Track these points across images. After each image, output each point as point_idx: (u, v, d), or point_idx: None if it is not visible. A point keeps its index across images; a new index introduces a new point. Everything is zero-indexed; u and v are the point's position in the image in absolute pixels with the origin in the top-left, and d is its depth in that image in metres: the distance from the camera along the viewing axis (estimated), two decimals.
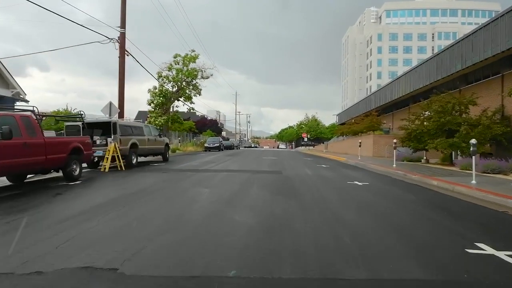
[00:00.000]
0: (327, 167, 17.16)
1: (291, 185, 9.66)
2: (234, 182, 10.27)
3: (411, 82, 28.49)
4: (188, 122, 44.99)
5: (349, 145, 36.26)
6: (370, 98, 40.55)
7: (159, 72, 28.89)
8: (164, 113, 29.75)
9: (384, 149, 26.83)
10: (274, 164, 18.18)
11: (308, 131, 75.03)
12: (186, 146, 38.98)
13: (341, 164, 20.41)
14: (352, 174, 13.80)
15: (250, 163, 18.90)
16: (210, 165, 16.84)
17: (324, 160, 23.79)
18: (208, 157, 25.11)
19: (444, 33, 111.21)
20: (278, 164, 18.16)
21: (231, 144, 53.54)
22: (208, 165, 16.58)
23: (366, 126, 33.72)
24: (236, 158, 24.25)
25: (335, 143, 47.33)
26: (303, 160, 22.95)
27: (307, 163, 20.17)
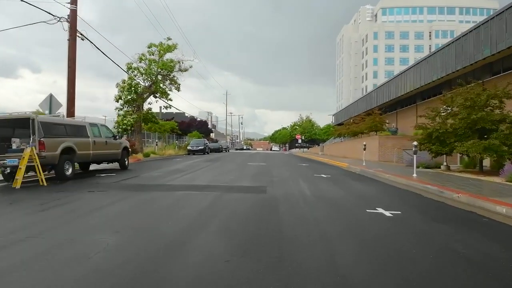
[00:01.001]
0: (328, 178, 13.17)
1: (276, 221, 5.64)
2: (182, 214, 6.24)
3: (422, 74, 24.67)
4: (170, 122, 40.80)
5: (348, 148, 32.38)
6: (371, 95, 36.76)
7: (128, 64, 24.78)
8: (136, 111, 25.57)
9: (392, 153, 22.95)
10: (260, 173, 14.16)
11: (302, 133, 71.20)
12: (165, 150, 34.79)
13: (345, 172, 16.44)
14: (367, 191, 9.81)
15: (230, 171, 14.87)
16: (175, 176, 12.79)
17: (322, 167, 19.82)
18: (183, 162, 21.03)
19: (442, 31, 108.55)
20: (265, 173, 14.14)
21: (218, 146, 49.49)
22: (171, 176, 12.53)
23: (368, 126, 29.90)
24: (216, 164, 20.19)
25: (332, 145, 43.45)
26: (297, 167, 18.95)
27: (302, 171, 16.18)
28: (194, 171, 14.72)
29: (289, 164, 21.75)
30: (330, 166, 21.00)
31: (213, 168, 16.62)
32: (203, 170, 15.62)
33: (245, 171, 14.96)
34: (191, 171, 14.95)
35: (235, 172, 14.42)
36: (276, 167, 17.80)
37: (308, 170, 16.94)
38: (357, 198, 8.32)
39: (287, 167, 18.18)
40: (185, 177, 12.23)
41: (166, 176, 12.58)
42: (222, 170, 15.75)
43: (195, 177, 12.40)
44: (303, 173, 14.93)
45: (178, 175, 12.92)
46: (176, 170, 15.52)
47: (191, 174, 13.57)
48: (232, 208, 6.64)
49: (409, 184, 11.18)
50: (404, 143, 23.17)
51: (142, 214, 6.21)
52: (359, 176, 14.34)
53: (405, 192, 9.78)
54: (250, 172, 14.46)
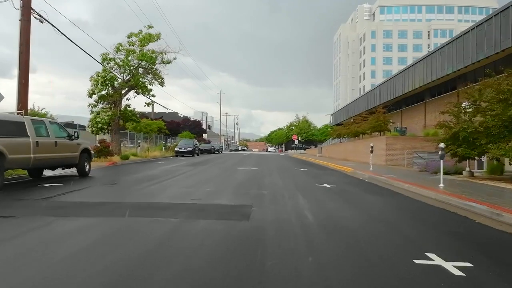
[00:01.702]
0: (333, 188, 10.43)
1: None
2: (91, 273, 3.44)
3: (433, 68, 22.04)
4: (157, 121, 37.93)
5: (349, 150, 29.71)
6: (373, 93, 34.14)
7: (104, 54, 21.90)
8: (112, 107, 22.69)
9: (401, 156, 20.30)
10: (247, 183, 11.40)
11: (299, 133, 68.55)
12: (150, 151, 31.93)
13: (351, 180, 13.72)
14: (392, 212, 7.09)
15: (212, 179, 12.10)
16: (140, 186, 10.01)
17: (323, 172, 17.11)
18: (163, 166, 18.23)
19: (441, 31, 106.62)
20: (254, 183, 11.38)
21: (210, 147, 46.63)
22: (135, 187, 9.76)
23: (371, 126, 27.24)
24: (200, 168, 17.42)
25: (330, 146, 40.79)
26: (294, 173, 16.23)
27: (301, 179, 13.45)
28: (168, 179, 11.92)
29: (284, 168, 19.02)
30: (332, 170, 18.29)
31: (193, 175, 13.84)
32: (180, 177, 12.84)
33: (230, 179, 12.19)
34: (164, 178, 12.16)
35: (217, 181, 11.64)
36: (269, 173, 15.05)
37: (307, 176, 14.21)
38: (385, 227, 5.59)
39: (282, 173, 15.43)
40: (150, 189, 9.46)
41: (128, 187, 9.81)
42: (203, 177, 12.97)
43: (163, 188, 9.63)
44: (301, 181, 12.19)
45: (144, 185, 10.14)
46: (146, 177, 12.72)
47: (162, 183, 10.79)
48: (187, 257, 3.87)
49: (441, 199, 8.48)
50: (414, 144, 20.56)
51: (17, 275, 3.42)
52: (371, 186, 11.62)
53: (444, 213, 7.06)
54: (236, 181, 11.69)
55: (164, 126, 38.30)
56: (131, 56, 22.46)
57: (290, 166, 21.52)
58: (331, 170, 18.89)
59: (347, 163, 23.36)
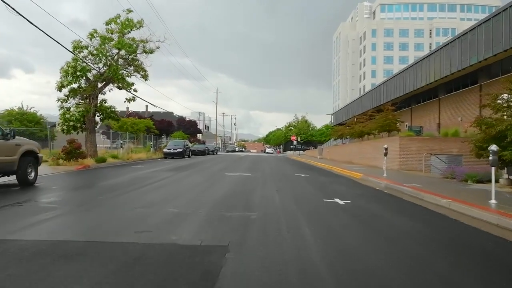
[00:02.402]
0: (348, 206, 7.65)
1: None
2: None
3: (452, 59, 19.32)
4: (145, 120, 35.11)
5: (354, 151, 26.98)
6: (379, 90, 31.43)
7: (75, 42, 19.07)
8: (88, 103, 19.87)
9: (418, 159, 17.59)
10: (232, 199, 8.62)
11: (297, 134, 65.84)
12: (136, 152, 29.13)
13: (367, 191, 10.95)
14: (457, 261, 4.28)
15: (185, 193, 9.33)
16: (83, 204, 7.25)
17: (329, 179, 14.34)
18: (139, 171, 15.45)
19: (443, 29, 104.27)
20: (241, 199, 8.59)
21: (204, 148, 43.85)
22: (73, 205, 7.00)
23: (379, 126, 24.51)
24: (181, 174, 14.64)
25: (332, 148, 38.04)
26: (293, 181, 13.46)
27: (302, 190, 10.70)
28: (129, 192, 9.13)
29: (282, 174, 16.26)
30: (338, 177, 15.53)
31: (167, 184, 11.06)
32: (147, 188, 10.06)
33: (212, 192, 9.42)
34: (126, 190, 9.37)
35: (192, 194, 8.86)
36: (263, 182, 12.28)
37: (311, 186, 11.44)
38: None
39: (280, 181, 12.66)
40: (91, 211, 6.68)
41: (63, 205, 7.02)
42: (178, 188, 10.19)
43: (111, 208, 6.86)
44: (304, 195, 9.41)
45: (88, 203, 7.35)
46: (105, 187, 9.94)
47: (116, 198, 8.00)
48: None
49: (507, 226, 5.74)
50: (432, 146, 17.86)
51: None
52: (396, 201, 8.85)
53: None
54: (218, 194, 8.91)
55: (152, 125, 35.45)
56: (108, 44, 19.61)
57: (289, 170, 18.77)
58: (338, 176, 16.14)
59: (353, 167, 20.62)
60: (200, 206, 7.06)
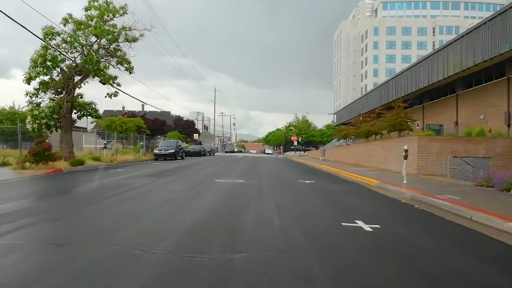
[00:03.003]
0: (380, 233, 5.25)
1: None
2: None
3: (477, 48, 16.96)
4: (134, 119, 32.71)
5: (361, 153, 24.60)
6: (387, 86, 29.04)
7: (47, 28, 16.63)
8: (64, 97, 17.46)
9: (439, 162, 15.24)
10: (211, 224, 6.23)
11: (298, 134, 63.45)
12: (123, 154, 26.75)
13: (394, 206, 8.55)
14: None
15: (147, 214, 6.94)
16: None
17: (339, 187, 11.93)
18: (112, 178, 13.06)
19: (446, 27, 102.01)
20: (225, 223, 6.19)
21: (200, 149, 41.47)
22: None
23: (389, 124, 22.16)
24: (160, 182, 12.25)
25: (336, 148, 35.64)
26: (297, 191, 11.08)
27: (310, 205, 8.34)
28: (72, 212, 6.77)
29: (283, 180, 13.88)
30: (349, 183, 13.14)
31: (135, 197, 8.68)
32: (104, 203, 7.68)
33: (185, 212, 7.00)
34: (67, 210, 7.01)
35: (155, 217, 6.47)
36: (259, 193, 9.90)
37: (321, 199, 9.07)
38: None
39: (280, 192, 10.27)
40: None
41: None
42: (143, 204, 7.78)
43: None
44: (314, 214, 7.02)
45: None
46: (48, 203, 7.57)
47: (34, 226, 5.65)
48: None
49: None
50: (455, 147, 15.51)
51: None
52: (438, 223, 6.45)
53: None
54: (193, 216, 6.51)
55: (143, 124, 33.04)
56: (83, 31, 17.20)
57: (291, 175, 16.40)
58: (348, 182, 13.76)
59: (363, 170, 18.26)
60: (161, 238, 4.69)
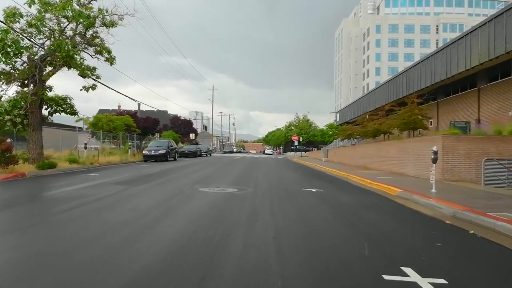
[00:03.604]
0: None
1: None
2: None
3: (509, 32, 14.61)
4: (123, 117, 30.34)
5: (370, 154, 22.25)
6: (397, 80, 26.68)
7: (9, 9, 14.22)
8: (33, 88, 15.11)
9: (468, 165, 12.91)
10: (173, 271, 3.86)
11: (299, 134, 61.11)
12: (109, 155, 24.41)
13: (438, 229, 6.14)
14: None
15: (72, 252, 4.59)
16: None
17: (354, 198, 9.50)
18: (74, 186, 10.71)
19: (450, 25, 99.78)
20: (194, 272, 3.83)
21: (195, 150, 39.10)
22: None
23: (402, 123, 19.84)
24: (130, 192, 9.88)
25: (339, 149, 33.27)
26: (302, 201, 8.71)
27: (323, 228, 5.96)
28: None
29: (284, 187, 11.52)
30: (365, 193, 10.75)
31: (77, 218, 6.34)
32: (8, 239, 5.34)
33: (130, 251, 4.64)
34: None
35: (76, 263, 4.12)
36: (253, 210, 7.54)
37: (336, 220, 6.69)
38: None
39: (281, 207, 7.90)
40: None
41: None
42: (71, 239, 5.42)
43: None
44: (331, 247, 4.65)
45: None
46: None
47: None
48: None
49: None
50: (486, 148, 13.16)
51: None
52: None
53: None
54: (143, 260, 4.17)
55: (133, 123, 30.65)
56: (53, 14, 14.83)
57: (293, 180, 14.04)
58: (363, 190, 11.40)
59: (375, 174, 15.93)
60: None
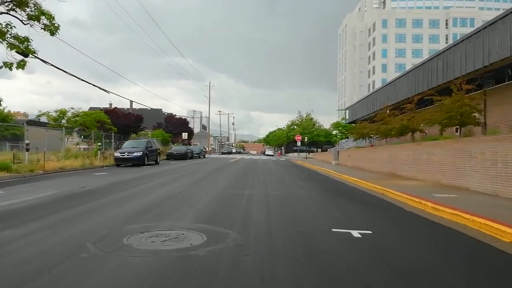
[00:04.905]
0: None
1: None
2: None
3: None
4: (94, 112, 25.23)
5: (401, 158, 17.18)
6: (428, 66, 21.57)
7: None
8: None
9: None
10: None
11: (302, 133, 56.06)
12: (61, 158, 19.37)
13: None
14: None
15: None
16: None
17: (448, 258, 4.41)
18: None
19: (460, 19, 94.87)
20: None
21: (185, 151, 34.11)
22: None
23: (447, 116, 14.82)
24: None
25: (354, 151, 28.10)
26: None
27: None
28: None
29: (297, 223, 6.50)
30: (443, 233, 5.68)
31: None
32: None
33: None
34: None
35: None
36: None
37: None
38: None
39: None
40: None
41: None
42: None
43: None
44: None
45: None
46: None
47: None
48: None
49: None
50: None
51: None
52: None
53: None
54: None
55: (108, 119, 25.61)
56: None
57: (310, 205, 8.99)
58: (438, 229, 6.33)
59: (422, 188, 10.89)
60: None
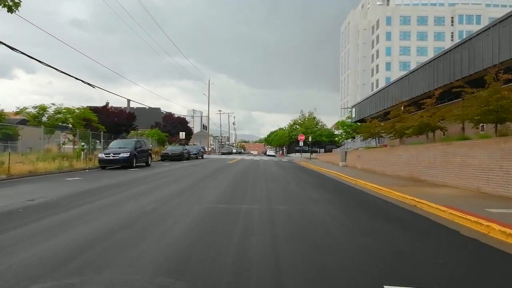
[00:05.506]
0: None
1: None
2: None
3: None
4: (78, 109, 22.94)
5: (426, 160, 14.87)
6: (450, 57, 19.24)
7: None
8: None
9: None
10: None
11: (304, 132, 53.76)
12: (37, 161, 17.10)
13: None
14: None
15: None
16: None
17: None
18: None
19: (466, 16, 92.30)
20: None
21: (180, 152, 31.86)
22: None
23: (482, 111, 12.54)
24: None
25: (365, 152, 25.73)
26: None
27: None
28: None
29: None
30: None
31: None
32: None
33: None
34: None
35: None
36: None
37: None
38: None
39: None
40: None
41: None
42: None
43: None
44: None
45: None
46: None
47: None
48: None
49: None
50: None
51: None
52: None
53: None
54: None
55: (94, 117, 23.37)
56: None
57: (337, 232, 6.72)
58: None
59: (463, 199, 8.62)
60: None
